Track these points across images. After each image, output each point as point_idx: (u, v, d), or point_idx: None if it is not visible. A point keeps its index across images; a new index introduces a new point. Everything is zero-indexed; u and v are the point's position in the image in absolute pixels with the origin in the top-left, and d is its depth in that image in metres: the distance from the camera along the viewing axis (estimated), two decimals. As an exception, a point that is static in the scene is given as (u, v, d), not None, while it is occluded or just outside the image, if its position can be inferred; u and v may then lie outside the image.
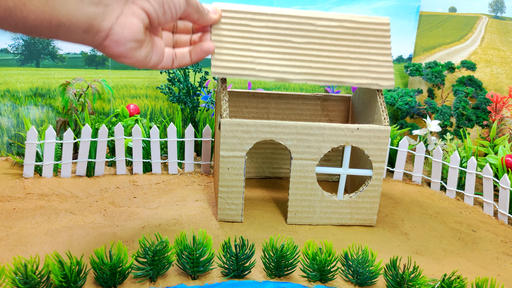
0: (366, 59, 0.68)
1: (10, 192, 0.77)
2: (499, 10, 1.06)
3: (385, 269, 0.54)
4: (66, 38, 0.45)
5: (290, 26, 0.67)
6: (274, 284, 0.54)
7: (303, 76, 0.65)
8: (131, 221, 0.69)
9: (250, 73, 0.64)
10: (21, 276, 0.46)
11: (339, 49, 0.67)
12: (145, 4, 0.49)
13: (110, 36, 0.47)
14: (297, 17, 0.67)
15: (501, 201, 0.77)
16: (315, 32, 0.67)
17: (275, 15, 0.67)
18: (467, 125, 1.03)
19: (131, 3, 0.48)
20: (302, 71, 0.66)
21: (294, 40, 0.67)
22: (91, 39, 0.47)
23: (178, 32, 0.62)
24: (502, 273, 0.61)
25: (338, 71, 0.66)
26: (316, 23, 0.67)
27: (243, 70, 0.64)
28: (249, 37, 0.66)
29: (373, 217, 0.71)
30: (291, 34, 0.67)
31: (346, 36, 0.68)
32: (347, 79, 0.67)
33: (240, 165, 0.67)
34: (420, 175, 0.93)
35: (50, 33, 0.44)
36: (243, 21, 0.66)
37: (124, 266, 0.51)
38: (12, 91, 0.95)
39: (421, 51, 1.18)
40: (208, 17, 0.62)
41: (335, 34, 0.68)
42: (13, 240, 0.62)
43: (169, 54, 0.59)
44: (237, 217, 0.70)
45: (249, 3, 1.03)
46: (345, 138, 0.67)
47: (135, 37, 0.49)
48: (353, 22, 0.68)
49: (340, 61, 0.67)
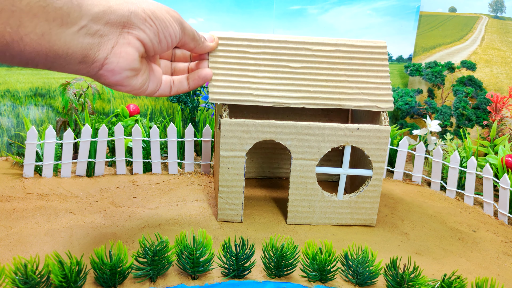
0: (364, 82, 0.68)
1: (10, 192, 0.77)
2: (499, 10, 1.06)
3: (385, 269, 0.54)
4: (62, 69, 0.46)
5: (286, 51, 0.68)
6: (274, 284, 0.54)
7: (301, 100, 0.66)
8: (131, 221, 0.69)
9: (248, 98, 0.65)
10: (21, 276, 0.46)
11: (337, 73, 0.68)
12: (140, 34, 0.50)
13: (105, 66, 0.48)
14: (293, 42, 0.68)
15: (501, 201, 0.77)
16: (312, 57, 0.68)
17: (271, 41, 0.68)
18: (467, 125, 1.03)
19: (126, 33, 0.49)
20: (300, 95, 0.66)
21: (291, 65, 0.67)
22: (87, 69, 0.47)
23: (176, 60, 0.64)
24: (502, 273, 0.61)
25: (336, 94, 0.67)
26: (313, 48, 0.68)
27: (241, 95, 0.65)
28: (246, 63, 0.67)
29: (373, 217, 0.71)
30: (288, 60, 0.68)
31: (343, 60, 0.68)
32: (346, 102, 0.67)
33: (240, 165, 0.67)
34: (420, 175, 0.93)
35: (46, 64, 0.44)
36: (240, 48, 0.67)
37: (124, 266, 0.51)
38: (12, 91, 0.95)
39: (421, 51, 1.18)
40: (204, 45, 0.63)
41: (332, 58, 0.68)
42: (13, 240, 0.62)
43: (167, 82, 0.60)
44: (237, 217, 0.70)
45: (249, 2, 1.03)
46: (345, 138, 0.67)
47: (130, 66, 0.50)
48: (350, 46, 0.69)
49: (338, 85, 0.67)
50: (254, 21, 1.05)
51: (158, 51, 0.54)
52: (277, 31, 1.07)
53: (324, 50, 0.68)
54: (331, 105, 0.67)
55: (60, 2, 0.42)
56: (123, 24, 0.48)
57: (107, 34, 0.47)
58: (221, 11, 1.03)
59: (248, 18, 1.05)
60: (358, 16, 1.10)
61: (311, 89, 0.67)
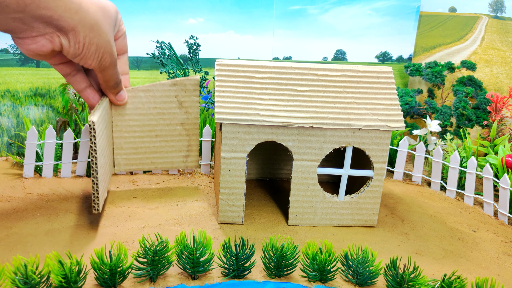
0: (372, 104, 0.68)
1: (10, 192, 0.77)
2: (499, 10, 1.06)
3: (385, 269, 0.54)
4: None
5: (292, 76, 0.68)
6: (274, 284, 0.54)
7: (309, 120, 0.66)
8: (131, 221, 0.69)
9: (255, 118, 0.65)
10: (21, 276, 0.46)
11: (344, 95, 0.68)
12: (65, 42, 0.58)
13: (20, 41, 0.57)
14: (298, 68, 0.69)
15: (501, 201, 0.77)
16: (318, 81, 0.68)
17: (277, 67, 0.69)
18: (467, 125, 1.03)
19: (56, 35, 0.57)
20: (308, 115, 0.66)
21: (297, 89, 0.68)
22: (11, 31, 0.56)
23: None
24: (502, 273, 0.61)
25: (345, 115, 0.66)
26: (318, 73, 0.69)
27: (248, 115, 0.65)
28: (252, 87, 0.67)
29: (374, 218, 0.71)
30: (294, 84, 0.68)
31: (350, 84, 0.69)
32: (355, 122, 0.66)
33: (241, 167, 0.67)
34: (420, 175, 0.93)
35: None
36: (246, 73, 0.68)
37: (124, 266, 0.51)
38: (12, 91, 0.95)
39: (421, 51, 1.18)
40: (112, 94, 0.71)
41: (339, 82, 0.69)
42: (13, 240, 0.62)
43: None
44: (238, 219, 0.70)
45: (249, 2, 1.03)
46: (346, 139, 0.67)
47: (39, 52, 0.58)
48: (356, 71, 0.69)
49: (346, 106, 0.67)
50: (254, 21, 1.05)
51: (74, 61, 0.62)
52: (277, 31, 1.07)
53: (330, 75, 0.69)
54: (340, 125, 0.66)
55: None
56: (60, 29, 0.56)
57: (39, 28, 0.55)
58: (221, 11, 1.03)
59: (248, 18, 1.05)
60: (358, 16, 1.10)
61: (319, 110, 0.66)
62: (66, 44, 0.57)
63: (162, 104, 0.76)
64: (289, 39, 1.08)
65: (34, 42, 0.56)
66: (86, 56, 0.60)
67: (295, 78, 0.68)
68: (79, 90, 0.69)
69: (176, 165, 0.82)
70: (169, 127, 0.78)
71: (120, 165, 0.79)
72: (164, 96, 0.76)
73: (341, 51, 1.12)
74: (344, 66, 0.70)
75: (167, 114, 0.77)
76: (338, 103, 0.67)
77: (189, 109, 0.78)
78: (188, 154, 0.81)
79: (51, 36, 0.56)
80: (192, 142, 0.81)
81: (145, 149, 0.79)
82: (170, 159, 0.81)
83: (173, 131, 0.79)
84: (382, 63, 1.15)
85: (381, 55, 1.15)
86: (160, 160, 0.80)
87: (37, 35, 0.55)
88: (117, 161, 0.78)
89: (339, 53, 1.13)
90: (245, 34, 1.06)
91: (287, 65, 0.69)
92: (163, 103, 0.76)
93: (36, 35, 0.55)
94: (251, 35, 1.06)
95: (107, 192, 0.71)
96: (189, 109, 0.78)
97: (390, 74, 0.70)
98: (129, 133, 0.77)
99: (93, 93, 0.69)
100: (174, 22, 1.02)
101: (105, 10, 0.61)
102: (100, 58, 0.62)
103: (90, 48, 0.59)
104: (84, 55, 0.60)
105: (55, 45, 0.57)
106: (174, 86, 0.76)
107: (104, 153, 0.68)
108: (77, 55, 0.60)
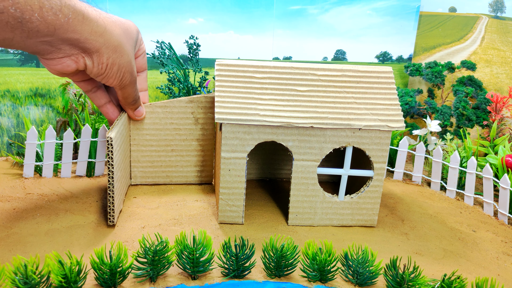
0: (372, 104, 0.68)
1: (10, 192, 0.77)
2: (499, 10, 1.06)
3: (385, 269, 0.54)
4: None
5: (292, 76, 0.68)
6: (274, 284, 0.54)
7: (309, 120, 0.66)
8: (131, 221, 0.69)
9: (255, 118, 0.65)
10: (21, 276, 0.46)
11: (344, 95, 0.68)
12: (89, 62, 0.60)
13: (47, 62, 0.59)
14: (298, 68, 0.69)
15: (501, 201, 0.77)
16: (318, 81, 0.68)
17: (277, 67, 0.69)
18: (467, 125, 1.03)
19: (81, 56, 0.59)
20: (307, 115, 0.66)
21: (297, 89, 0.68)
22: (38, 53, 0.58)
23: None
24: (502, 273, 0.61)
25: (345, 115, 0.66)
26: (318, 73, 0.69)
27: (248, 115, 0.65)
28: (252, 87, 0.67)
29: (374, 218, 0.71)
30: (294, 84, 0.68)
31: (349, 84, 0.69)
32: (355, 122, 0.66)
33: (241, 167, 0.67)
34: (420, 175, 0.93)
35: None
36: (246, 73, 0.68)
37: (124, 266, 0.51)
38: (12, 91, 0.95)
39: (421, 51, 1.18)
40: (131, 109, 0.73)
41: (339, 82, 0.69)
42: (13, 240, 0.62)
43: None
44: (238, 219, 0.70)
45: (249, 2, 1.03)
46: (346, 139, 0.67)
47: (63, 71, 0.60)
48: (356, 71, 0.69)
49: (346, 106, 0.67)
50: (254, 21, 1.05)
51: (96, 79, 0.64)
52: (277, 31, 1.07)
53: (330, 75, 0.69)
54: (341, 125, 0.66)
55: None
56: (85, 50, 0.58)
57: (65, 49, 0.57)
58: (221, 11, 1.03)
59: (248, 18, 1.05)
60: (358, 16, 1.10)
61: (319, 110, 0.66)
62: (90, 64, 0.59)
63: (178, 120, 0.78)
64: (289, 39, 1.08)
65: (60, 62, 0.58)
66: (108, 75, 0.62)
67: (295, 78, 0.68)
68: (99, 105, 0.71)
69: (190, 179, 0.83)
70: (185, 142, 0.80)
71: (137, 177, 0.81)
72: (181, 112, 0.78)
73: (341, 51, 1.13)
74: (344, 66, 0.70)
75: (183, 130, 0.79)
76: (338, 103, 0.67)
77: (204, 125, 0.80)
78: (202, 169, 0.83)
79: (76, 57, 0.58)
80: (206, 157, 0.82)
81: (161, 163, 0.81)
82: (185, 173, 0.82)
83: (189, 146, 0.80)
84: (382, 63, 1.15)
85: (381, 55, 1.15)
86: (175, 174, 0.82)
87: (63, 56, 0.57)
88: (134, 173, 0.80)
89: (339, 53, 1.13)
90: (245, 34, 1.06)
91: (287, 65, 0.69)
92: (180, 119, 0.78)
93: (62, 56, 0.57)
94: (251, 35, 1.06)
95: (122, 203, 0.72)
96: (204, 125, 0.80)
97: (390, 74, 0.70)
98: (146, 147, 0.79)
99: (112, 109, 0.71)
100: (174, 22, 1.02)
101: (128, 31, 0.64)
102: (121, 77, 0.64)
103: (112, 68, 0.61)
104: (107, 75, 0.62)
105: (80, 65, 0.59)
106: (190, 103, 0.78)
107: (121, 167, 0.70)
108: (99, 75, 0.62)
